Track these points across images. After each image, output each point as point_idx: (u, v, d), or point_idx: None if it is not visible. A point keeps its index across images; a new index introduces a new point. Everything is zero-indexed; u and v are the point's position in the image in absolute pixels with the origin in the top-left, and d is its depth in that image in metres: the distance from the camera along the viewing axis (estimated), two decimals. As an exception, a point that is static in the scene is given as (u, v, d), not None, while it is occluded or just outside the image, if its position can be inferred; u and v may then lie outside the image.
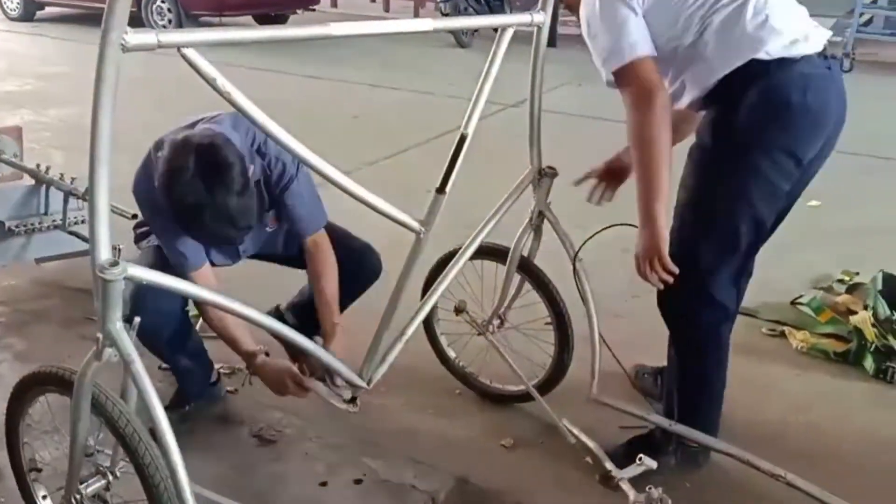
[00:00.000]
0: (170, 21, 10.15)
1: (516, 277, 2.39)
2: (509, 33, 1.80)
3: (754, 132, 1.88)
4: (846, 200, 4.47)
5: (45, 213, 3.30)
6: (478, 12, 8.90)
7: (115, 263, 1.34)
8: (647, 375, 2.64)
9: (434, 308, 2.37)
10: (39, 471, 1.97)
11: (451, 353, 2.65)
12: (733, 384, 2.69)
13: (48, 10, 12.11)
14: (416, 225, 1.78)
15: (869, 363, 2.80)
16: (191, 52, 1.33)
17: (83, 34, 10.21)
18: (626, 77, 1.86)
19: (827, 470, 2.24)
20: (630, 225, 2.06)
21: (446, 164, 1.83)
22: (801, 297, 3.29)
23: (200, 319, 2.36)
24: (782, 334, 3.06)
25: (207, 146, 1.85)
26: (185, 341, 2.35)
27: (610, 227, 2.29)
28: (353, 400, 2.07)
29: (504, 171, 2.41)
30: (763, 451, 2.12)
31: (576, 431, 2.14)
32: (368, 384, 2.05)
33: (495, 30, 1.81)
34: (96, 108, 1.25)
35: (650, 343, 2.47)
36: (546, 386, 2.47)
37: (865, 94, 7.06)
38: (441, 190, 1.76)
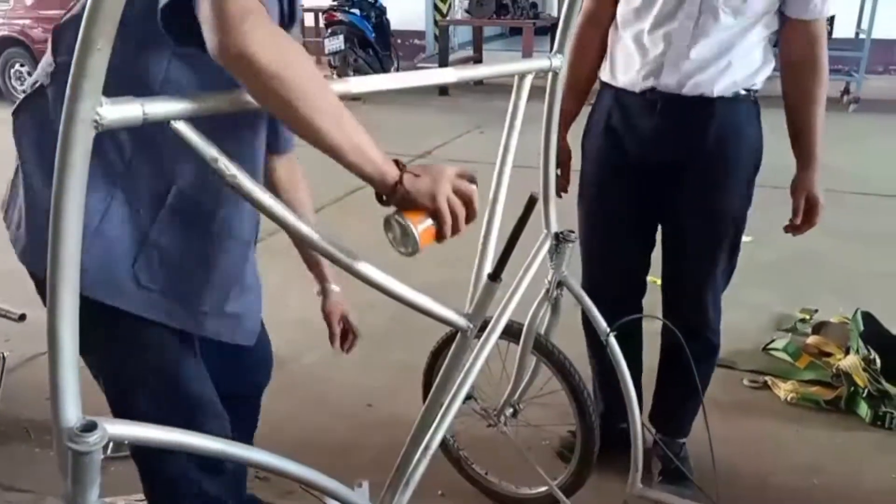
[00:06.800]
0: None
1: (531, 359, 2.04)
2: (528, 80, 1.52)
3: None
4: (766, 233, 4.43)
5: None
6: (368, 64, 8.64)
7: (91, 426, 0.95)
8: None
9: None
10: None
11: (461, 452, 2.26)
12: (733, 446, 2.50)
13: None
14: (461, 321, 1.36)
15: (864, 410, 2.65)
16: (183, 127, 0.98)
17: None
18: None
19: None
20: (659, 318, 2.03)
21: (506, 241, 1.27)
22: (772, 341, 3.14)
23: None
24: (765, 385, 2.89)
25: None
26: None
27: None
28: None
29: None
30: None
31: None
32: None
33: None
34: (59, 214, 0.88)
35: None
36: (572, 487, 2.09)
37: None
38: (495, 276, 1.29)
